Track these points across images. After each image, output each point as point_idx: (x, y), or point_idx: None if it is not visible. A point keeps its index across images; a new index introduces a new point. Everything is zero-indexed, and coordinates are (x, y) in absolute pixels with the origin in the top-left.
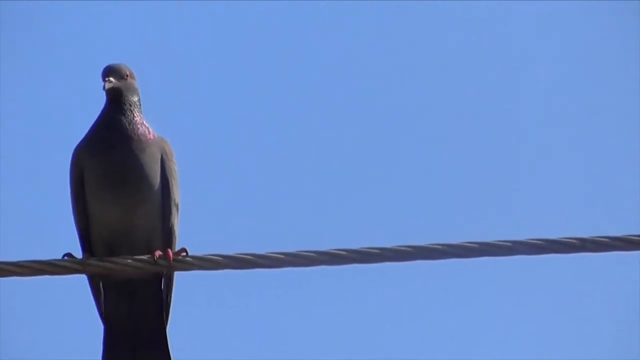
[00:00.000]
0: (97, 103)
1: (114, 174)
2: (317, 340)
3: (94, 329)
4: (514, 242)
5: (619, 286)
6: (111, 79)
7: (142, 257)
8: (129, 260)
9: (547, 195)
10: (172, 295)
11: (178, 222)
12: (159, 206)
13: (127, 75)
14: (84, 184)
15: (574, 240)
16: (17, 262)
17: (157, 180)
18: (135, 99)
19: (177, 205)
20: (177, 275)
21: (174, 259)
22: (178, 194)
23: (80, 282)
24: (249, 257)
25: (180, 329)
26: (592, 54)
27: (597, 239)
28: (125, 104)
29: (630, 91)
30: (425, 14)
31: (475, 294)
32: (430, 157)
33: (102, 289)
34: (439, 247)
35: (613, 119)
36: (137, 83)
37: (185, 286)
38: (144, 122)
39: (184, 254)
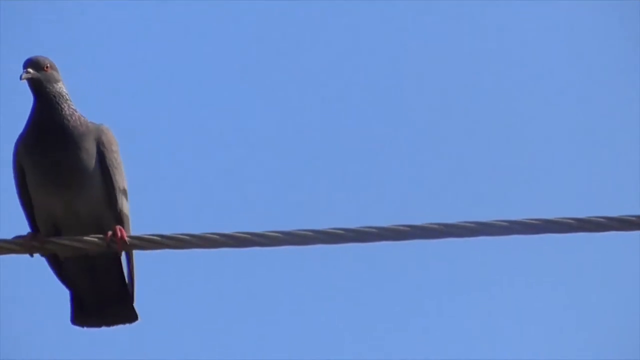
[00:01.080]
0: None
1: (51, 172)
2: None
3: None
4: (511, 222)
5: (616, 266)
6: (29, 69)
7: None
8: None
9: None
10: (135, 273)
11: (128, 207)
12: (102, 194)
13: (47, 67)
14: (26, 179)
15: (571, 220)
16: None
17: (95, 171)
18: (61, 90)
19: (123, 191)
20: (141, 256)
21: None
22: (123, 179)
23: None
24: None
25: (149, 309)
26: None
27: (594, 219)
28: (49, 96)
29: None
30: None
31: (472, 274)
32: (429, 138)
33: (59, 264)
34: (436, 226)
35: (610, 103)
36: (60, 75)
37: (152, 266)
38: (75, 113)
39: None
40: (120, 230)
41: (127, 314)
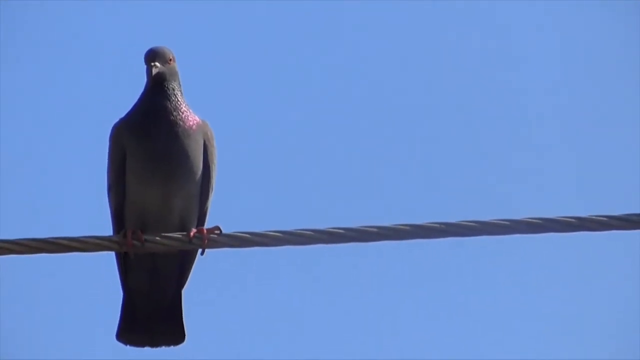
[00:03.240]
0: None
1: (159, 160)
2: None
3: (111, 302)
4: (513, 221)
5: (618, 265)
6: (157, 63)
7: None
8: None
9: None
10: (192, 271)
11: (210, 204)
12: (198, 191)
13: (170, 60)
14: (125, 165)
15: (573, 219)
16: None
17: (200, 166)
18: (177, 83)
19: (213, 189)
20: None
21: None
22: (215, 177)
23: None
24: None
25: (198, 306)
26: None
27: (596, 217)
28: (168, 89)
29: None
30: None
31: (474, 273)
32: (429, 137)
33: (125, 261)
34: (438, 225)
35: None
36: (177, 67)
37: (207, 263)
38: (187, 107)
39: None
40: (205, 229)
41: (175, 331)
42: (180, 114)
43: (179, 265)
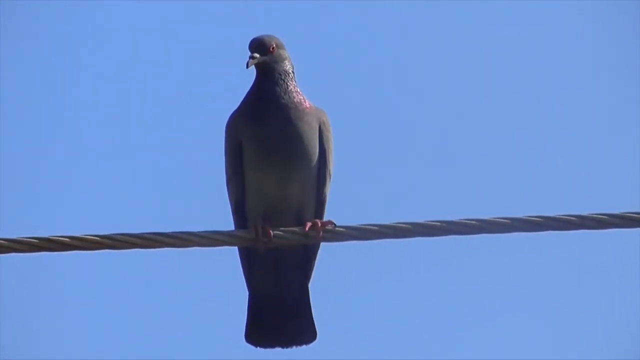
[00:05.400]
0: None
1: (274, 142)
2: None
3: (239, 299)
4: (513, 219)
5: (618, 264)
6: (255, 55)
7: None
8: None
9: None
10: (315, 264)
11: (329, 193)
12: (315, 176)
13: (272, 48)
14: (242, 154)
15: (573, 218)
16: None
17: (315, 149)
18: (287, 68)
19: (330, 175)
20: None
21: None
22: (332, 164)
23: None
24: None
25: (325, 299)
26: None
27: (596, 216)
28: (274, 75)
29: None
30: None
31: (474, 271)
32: (430, 136)
33: (249, 258)
34: (438, 224)
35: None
36: (286, 52)
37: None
38: (299, 91)
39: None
40: (317, 223)
41: (306, 329)
42: (291, 97)
43: (303, 259)
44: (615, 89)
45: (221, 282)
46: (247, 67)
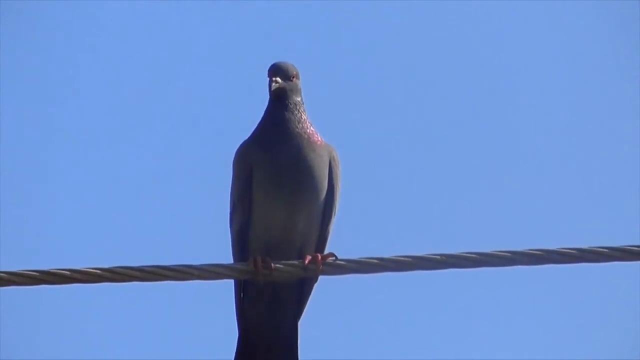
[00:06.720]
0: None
1: (286, 169)
2: None
3: (228, 332)
4: (513, 253)
5: (618, 297)
6: (278, 79)
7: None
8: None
9: (546, 206)
10: (309, 298)
11: (332, 230)
12: (321, 210)
13: (293, 76)
14: (252, 183)
15: (573, 251)
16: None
17: (324, 182)
18: (299, 99)
19: (335, 213)
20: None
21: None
22: (339, 202)
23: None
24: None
25: (311, 331)
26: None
27: (596, 249)
28: (290, 104)
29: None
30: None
31: (474, 305)
32: (429, 167)
33: (244, 290)
34: (438, 257)
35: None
36: (300, 84)
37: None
38: (311, 123)
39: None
40: (317, 256)
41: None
42: (305, 127)
43: (298, 294)
44: (619, 110)
45: (211, 317)
46: (271, 90)
